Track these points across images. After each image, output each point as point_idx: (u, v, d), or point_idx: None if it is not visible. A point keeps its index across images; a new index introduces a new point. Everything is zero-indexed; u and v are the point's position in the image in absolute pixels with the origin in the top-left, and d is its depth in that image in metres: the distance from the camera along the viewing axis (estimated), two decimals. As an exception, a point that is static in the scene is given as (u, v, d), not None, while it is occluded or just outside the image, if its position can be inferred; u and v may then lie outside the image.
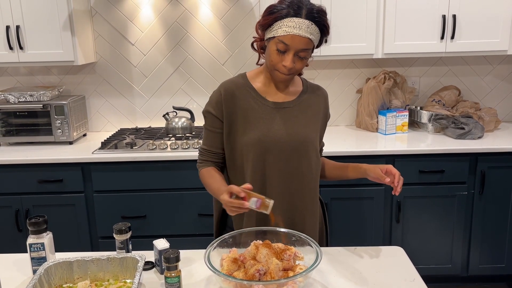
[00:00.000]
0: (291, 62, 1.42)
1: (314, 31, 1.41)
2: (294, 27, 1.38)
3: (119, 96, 3.19)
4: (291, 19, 1.39)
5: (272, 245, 1.32)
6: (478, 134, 2.76)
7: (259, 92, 1.55)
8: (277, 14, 1.40)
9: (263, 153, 1.51)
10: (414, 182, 2.66)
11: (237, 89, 1.54)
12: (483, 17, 2.72)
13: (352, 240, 2.71)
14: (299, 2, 1.41)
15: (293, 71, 1.46)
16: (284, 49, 1.41)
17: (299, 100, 1.57)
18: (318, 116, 1.61)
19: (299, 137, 1.53)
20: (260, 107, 1.53)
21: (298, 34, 1.38)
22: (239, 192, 1.30)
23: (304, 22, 1.38)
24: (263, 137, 1.50)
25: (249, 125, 1.51)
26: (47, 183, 2.64)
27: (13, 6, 2.69)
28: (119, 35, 3.09)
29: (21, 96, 2.82)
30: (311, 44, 1.43)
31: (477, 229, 2.74)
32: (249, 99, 1.53)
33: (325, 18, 1.44)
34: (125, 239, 1.42)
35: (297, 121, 1.54)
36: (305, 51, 1.43)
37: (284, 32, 1.39)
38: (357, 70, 3.16)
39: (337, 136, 2.96)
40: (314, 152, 1.58)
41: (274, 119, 1.52)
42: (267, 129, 1.51)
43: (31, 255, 1.37)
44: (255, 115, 1.52)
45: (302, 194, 1.56)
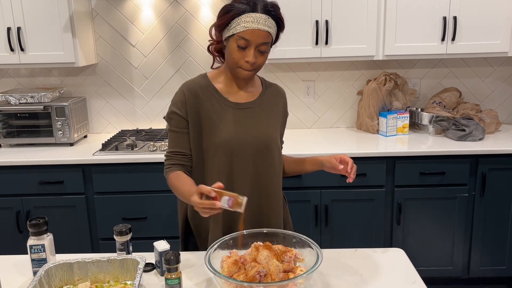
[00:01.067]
0: (253, 57, 1.45)
1: (271, 25, 1.45)
2: (253, 21, 1.41)
3: (119, 97, 3.19)
4: (248, 14, 1.42)
5: (272, 246, 1.32)
6: (479, 136, 2.75)
7: (221, 92, 1.57)
8: (234, 12, 1.43)
9: (229, 154, 1.53)
10: (414, 184, 2.66)
11: (200, 89, 1.55)
12: (483, 19, 2.72)
13: (352, 242, 2.71)
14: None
15: (256, 66, 1.49)
16: (245, 45, 1.44)
17: (260, 100, 1.60)
18: (278, 115, 1.65)
19: (263, 137, 1.56)
20: (223, 108, 1.54)
21: (257, 28, 1.42)
22: (209, 191, 1.25)
23: (261, 16, 1.42)
24: (229, 139, 1.52)
25: (214, 127, 1.53)
26: (47, 185, 2.64)
27: (14, 7, 2.70)
28: (120, 36, 3.09)
29: (22, 98, 2.82)
30: (270, 37, 1.47)
31: (478, 231, 2.73)
32: (212, 100, 1.55)
33: (279, 12, 1.49)
34: (126, 241, 1.42)
35: (259, 121, 1.57)
36: (265, 45, 1.46)
37: (243, 28, 1.42)
38: (357, 71, 3.16)
39: (338, 137, 2.96)
40: (277, 150, 1.62)
41: (237, 120, 1.54)
42: (232, 130, 1.53)
43: (32, 257, 1.36)
44: (218, 117, 1.53)
45: (268, 192, 1.60)
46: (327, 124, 3.25)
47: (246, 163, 1.54)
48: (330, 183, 2.65)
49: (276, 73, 3.14)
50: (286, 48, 2.77)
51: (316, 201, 2.67)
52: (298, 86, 3.17)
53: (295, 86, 3.17)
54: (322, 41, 2.75)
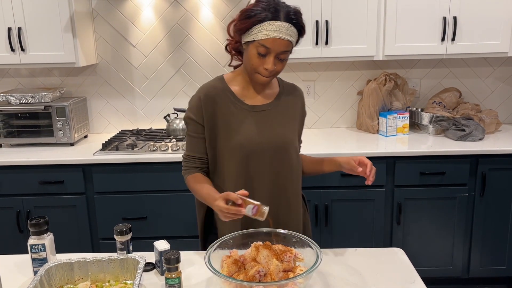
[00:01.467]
0: (272, 65, 1.44)
1: (293, 33, 1.44)
2: (275, 30, 1.40)
3: (120, 97, 3.19)
4: (271, 22, 1.40)
5: (272, 246, 1.32)
6: (478, 136, 2.76)
7: (238, 95, 1.56)
8: (256, 18, 1.41)
9: (246, 157, 1.52)
10: (414, 184, 2.66)
11: (216, 93, 1.54)
12: (483, 19, 2.72)
13: (352, 241, 2.72)
14: (276, 5, 1.43)
15: (274, 73, 1.48)
16: (265, 52, 1.43)
17: (277, 102, 1.59)
18: (295, 115, 1.64)
19: (280, 139, 1.56)
20: (240, 111, 1.54)
21: (279, 37, 1.40)
22: (236, 199, 1.31)
23: (284, 25, 1.41)
24: (245, 142, 1.52)
25: (230, 130, 1.53)
26: (48, 185, 2.65)
27: (15, 7, 2.70)
28: (120, 36, 3.09)
29: (22, 98, 2.83)
30: (291, 46, 1.46)
31: (478, 231, 2.74)
32: (228, 104, 1.54)
33: (302, 19, 1.47)
34: (126, 240, 1.42)
35: (276, 123, 1.57)
36: (285, 53, 1.45)
37: (264, 36, 1.40)
38: (357, 72, 3.17)
39: (338, 137, 2.96)
40: (294, 152, 1.61)
41: (254, 123, 1.54)
42: (248, 133, 1.52)
43: (32, 256, 1.37)
44: (235, 120, 1.53)
45: (286, 194, 1.59)
46: (327, 124, 3.26)
47: (263, 165, 1.54)
48: (330, 183, 2.65)
49: (276, 73, 3.14)
50: (286, 48, 2.77)
51: (316, 201, 2.67)
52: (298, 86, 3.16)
53: (295, 86, 3.17)
54: (322, 41, 2.75)
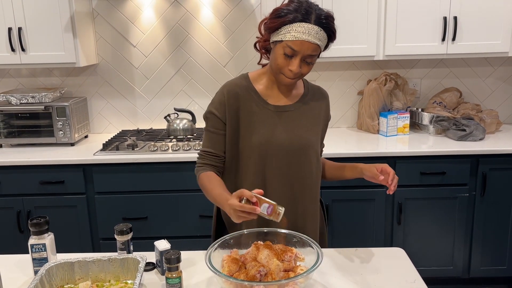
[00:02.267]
0: (298, 67, 1.42)
1: (322, 37, 1.40)
2: (304, 32, 1.37)
3: (120, 97, 3.20)
4: (300, 24, 1.37)
5: (273, 246, 1.32)
6: (479, 136, 2.75)
7: (261, 95, 1.54)
8: (285, 18, 1.39)
9: (264, 157, 1.51)
10: (415, 184, 2.66)
11: (240, 91, 1.52)
12: (484, 19, 2.72)
13: (353, 241, 2.71)
14: (308, 7, 1.40)
15: (299, 75, 1.45)
16: (292, 54, 1.40)
17: (301, 104, 1.57)
18: (319, 119, 1.61)
19: (300, 141, 1.53)
20: (262, 110, 1.52)
21: (308, 40, 1.37)
22: (251, 196, 1.25)
23: (314, 28, 1.38)
24: (265, 142, 1.50)
25: (251, 129, 1.51)
26: (48, 185, 2.65)
27: (15, 8, 2.70)
28: (121, 37, 3.10)
29: (23, 98, 2.83)
30: (319, 50, 1.43)
31: (479, 230, 2.74)
32: (251, 102, 1.52)
33: (333, 24, 1.43)
34: (127, 240, 1.42)
35: (298, 125, 1.54)
36: (312, 57, 1.42)
37: (292, 37, 1.38)
38: (358, 71, 3.17)
39: (338, 137, 2.96)
40: (315, 155, 1.58)
41: (275, 123, 1.52)
42: (268, 133, 1.50)
43: (33, 256, 1.37)
44: (257, 119, 1.51)
45: (303, 198, 1.56)
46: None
47: (282, 167, 1.52)
48: (330, 183, 2.63)
49: (277, 73, 3.14)
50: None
51: (317, 201, 2.67)
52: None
53: (295, 86, 3.17)
54: (323, 41, 2.75)
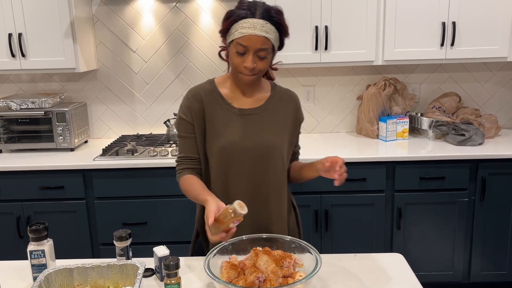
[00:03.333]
0: (252, 63, 1.45)
1: (269, 30, 1.43)
2: (249, 27, 1.41)
3: (120, 103, 3.20)
4: (246, 20, 1.42)
5: (272, 252, 1.32)
6: (478, 141, 2.76)
7: (226, 98, 1.57)
8: (234, 18, 1.44)
9: (227, 160, 1.53)
10: (414, 188, 2.66)
11: (204, 94, 1.56)
12: (482, 24, 2.73)
13: (352, 246, 2.71)
14: (254, 4, 1.45)
15: (256, 71, 1.48)
16: (243, 50, 1.44)
17: (266, 106, 1.59)
18: (286, 122, 1.61)
19: (264, 144, 1.54)
20: (226, 113, 1.55)
21: (254, 33, 1.41)
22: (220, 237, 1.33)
23: (259, 22, 1.41)
24: (228, 145, 1.52)
25: (215, 132, 1.54)
26: (48, 190, 2.65)
27: (16, 13, 2.71)
28: (121, 42, 3.11)
29: (23, 103, 2.84)
30: (269, 43, 1.45)
31: (479, 235, 2.73)
32: (215, 106, 1.55)
33: (281, 17, 1.47)
34: (126, 246, 1.42)
35: (262, 128, 1.56)
36: (264, 51, 1.45)
37: (240, 34, 1.42)
38: (357, 76, 3.17)
39: (338, 142, 2.97)
40: (280, 158, 1.59)
41: (239, 127, 1.54)
42: (231, 136, 1.53)
43: (32, 262, 1.37)
44: (221, 122, 1.54)
45: (268, 200, 1.58)
46: (327, 129, 3.26)
47: (244, 169, 1.54)
48: (330, 188, 2.65)
49: (276, 78, 3.13)
50: (286, 54, 2.74)
51: (316, 206, 2.67)
52: (298, 91, 3.15)
53: (295, 91, 3.13)
54: (322, 46, 2.76)
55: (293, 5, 2.72)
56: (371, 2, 2.72)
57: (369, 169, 2.63)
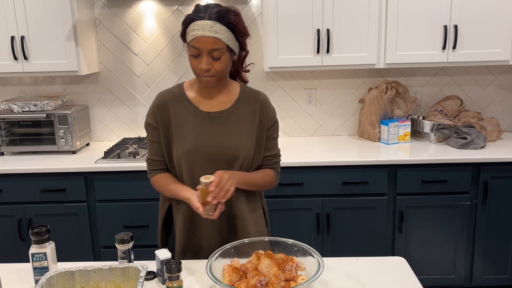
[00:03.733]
0: (206, 64, 1.45)
1: (220, 30, 1.43)
2: (198, 29, 1.42)
3: (122, 105, 3.21)
4: (196, 22, 1.44)
5: (274, 255, 1.32)
6: (480, 144, 2.75)
7: (193, 101, 1.58)
8: (186, 22, 1.47)
9: (193, 163, 1.55)
10: (416, 192, 2.66)
11: (170, 99, 1.59)
12: (484, 28, 2.73)
13: (354, 250, 2.71)
14: (205, 7, 1.46)
15: (213, 72, 1.48)
16: (197, 53, 1.46)
17: (233, 109, 1.59)
18: (252, 124, 1.59)
19: (229, 147, 1.55)
20: (192, 117, 1.56)
21: (202, 34, 1.42)
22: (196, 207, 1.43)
23: (207, 23, 1.42)
24: (193, 148, 1.54)
25: (181, 136, 1.56)
26: (50, 192, 2.65)
27: (18, 16, 2.72)
28: (123, 45, 3.11)
29: (25, 106, 2.84)
30: (221, 43, 1.44)
31: (481, 239, 2.73)
32: (181, 109, 1.57)
33: (232, 16, 1.46)
34: (127, 249, 1.42)
35: (227, 131, 1.56)
36: (217, 51, 1.45)
37: (191, 36, 1.44)
38: (359, 80, 3.18)
39: (340, 145, 2.96)
40: (246, 161, 1.58)
41: (204, 130, 1.55)
42: (196, 140, 1.54)
43: (33, 265, 1.37)
44: (186, 126, 1.56)
45: (231, 202, 1.57)
46: (328, 132, 3.26)
47: (210, 172, 1.52)
48: (331, 191, 2.65)
49: (278, 81, 3.16)
50: (287, 57, 2.79)
51: (318, 209, 2.67)
52: (300, 94, 3.19)
53: (296, 94, 3.18)
54: (324, 49, 2.76)
55: (295, 9, 2.73)
56: (373, 5, 2.72)
57: (371, 172, 2.63)
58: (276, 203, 2.65)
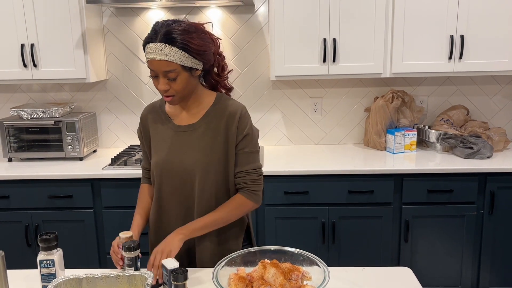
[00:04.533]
0: (163, 85, 1.46)
1: (170, 52, 1.41)
2: (150, 52, 1.43)
3: (129, 113, 3.23)
4: (148, 45, 1.45)
5: (280, 264, 1.32)
6: (487, 154, 2.75)
7: (169, 115, 1.62)
8: (143, 43, 1.48)
9: (160, 176, 1.59)
10: (422, 201, 2.65)
11: (150, 112, 1.65)
12: (490, 38, 2.73)
13: (360, 259, 2.70)
14: (159, 27, 1.44)
15: (173, 92, 1.48)
16: (154, 74, 1.47)
17: (200, 123, 1.58)
18: (217, 138, 1.55)
19: (189, 162, 1.55)
20: (165, 130, 1.60)
21: (154, 58, 1.43)
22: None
23: (157, 46, 1.42)
24: (160, 162, 1.58)
25: (154, 148, 1.61)
26: (57, 199, 2.67)
27: (28, 24, 2.76)
28: (130, 53, 3.14)
29: (33, 113, 2.87)
30: (173, 65, 1.42)
31: (487, 249, 2.71)
32: (158, 123, 1.62)
33: (183, 36, 1.42)
34: (134, 257, 1.43)
35: (191, 145, 1.56)
36: (171, 72, 1.44)
37: (146, 58, 1.47)
38: (365, 89, 3.18)
39: (345, 154, 2.97)
40: (211, 176, 1.55)
41: (172, 144, 1.58)
42: (164, 153, 1.58)
43: (41, 272, 1.38)
44: (159, 139, 1.60)
45: (197, 217, 1.56)
46: (334, 141, 3.26)
47: (174, 185, 1.57)
48: (337, 200, 2.65)
49: (284, 89, 3.17)
50: (294, 66, 2.80)
51: (323, 218, 2.66)
52: (306, 102, 3.20)
53: (302, 102, 3.19)
54: (330, 58, 2.78)
55: (302, 18, 2.75)
56: (379, 15, 2.74)
57: (377, 181, 2.62)
58: (281, 211, 2.66)
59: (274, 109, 3.19)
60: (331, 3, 2.72)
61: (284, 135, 3.22)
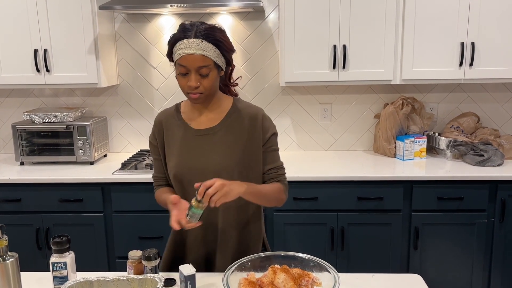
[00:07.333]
0: (195, 81, 1.47)
1: (206, 47, 1.44)
2: (185, 47, 1.44)
3: (140, 118, 3.25)
4: (182, 41, 1.45)
5: (290, 270, 1.32)
6: (497, 162, 2.73)
7: (185, 119, 1.62)
8: (172, 41, 1.49)
9: (181, 180, 1.58)
10: (432, 209, 2.64)
11: (165, 118, 1.65)
12: (501, 45, 2.72)
13: (369, 266, 2.69)
14: (191, 25, 1.48)
15: (202, 89, 1.49)
16: (185, 71, 1.47)
17: (222, 126, 1.58)
18: (240, 140, 1.57)
19: (213, 165, 1.54)
20: (183, 135, 1.59)
21: (190, 53, 1.43)
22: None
23: (194, 41, 1.44)
24: (180, 166, 1.57)
25: (171, 154, 1.60)
26: (67, 203, 2.69)
27: (42, 30, 2.80)
28: (142, 58, 3.17)
29: (45, 117, 2.90)
30: (208, 60, 1.45)
31: (498, 258, 2.69)
32: (174, 128, 1.61)
33: (217, 33, 1.47)
34: (154, 266, 1.43)
35: (213, 148, 1.56)
36: (205, 68, 1.46)
37: (178, 55, 1.46)
38: (375, 95, 3.18)
39: (355, 160, 2.96)
40: (235, 176, 1.54)
41: (191, 148, 1.57)
42: (184, 158, 1.57)
43: (53, 274, 1.39)
44: (177, 144, 1.59)
45: (221, 220, 1.59)
46: (344, 147, 3.26)
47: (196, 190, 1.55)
48: (346, 206, 2.64)
49: (294, 95, 3.18)
50: (304, 72, 2.81)
51: (333, 224, 2.66)
52: (315, 108, 3.20)
53: (312, 108, 3.20)
54: (340, 65, 2.78)
55: (312, 24, 2.76)
56: (389, 21, 2.74)
57: (386, 188, 2.62)
58: (290, 217, 2.66)
59: (283, 115, 3.20)
60: (341, 10, 2.73)
61: (293, 141, 3.22)
